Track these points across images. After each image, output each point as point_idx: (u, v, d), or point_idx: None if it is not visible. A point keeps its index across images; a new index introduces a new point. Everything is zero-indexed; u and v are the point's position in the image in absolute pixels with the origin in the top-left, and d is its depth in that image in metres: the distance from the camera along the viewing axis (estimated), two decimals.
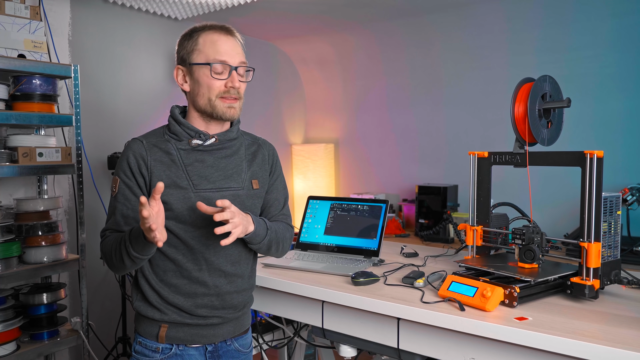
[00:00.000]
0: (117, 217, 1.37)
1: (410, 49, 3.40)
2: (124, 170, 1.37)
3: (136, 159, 1.36)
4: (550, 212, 2.60)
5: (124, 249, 1.27)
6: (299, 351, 2.43)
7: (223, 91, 1.37)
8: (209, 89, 1.37)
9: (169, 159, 1.37)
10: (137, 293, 1.43)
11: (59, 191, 2.55)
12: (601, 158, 1.40)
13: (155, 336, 1.39)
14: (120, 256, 1.29)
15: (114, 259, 1.32)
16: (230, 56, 1.37)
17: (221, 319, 1.41)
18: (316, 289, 1.61)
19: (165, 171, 1.36)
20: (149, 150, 1.37)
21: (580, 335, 1.16)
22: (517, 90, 1.59)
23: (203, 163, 1.39)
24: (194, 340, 1.39)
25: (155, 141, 1.40)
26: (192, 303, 1.37)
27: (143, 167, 1.35)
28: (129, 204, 1.36)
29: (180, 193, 1.34)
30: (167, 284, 1.38)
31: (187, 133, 1.39)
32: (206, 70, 1.36)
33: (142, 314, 1.40)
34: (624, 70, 2.59)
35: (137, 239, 1.23)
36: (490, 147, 1.87)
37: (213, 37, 1.38)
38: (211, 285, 1.38)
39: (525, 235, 1.49)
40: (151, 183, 1.35)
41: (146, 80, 3.12)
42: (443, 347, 1.39)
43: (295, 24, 3.42)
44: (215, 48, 1.36)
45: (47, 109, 2.20)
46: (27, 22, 2.20)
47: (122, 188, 1.37)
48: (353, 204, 2.07)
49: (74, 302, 2.59)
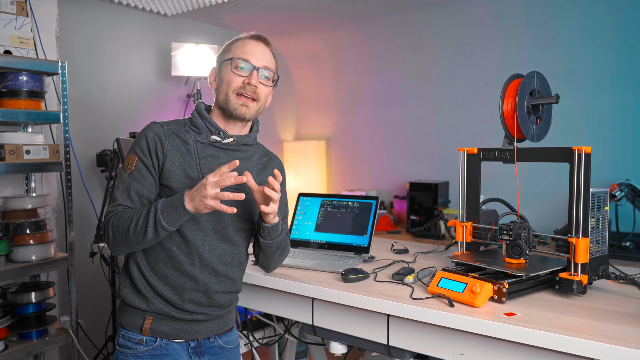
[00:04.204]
0: (132, 194, 1.35)
1: (401, 46, 3.39)
2: (141, 149, 1.37)
3: (155, 140, 1.37)
4: (540, 207, 2.62)
5: (152, 218, 1.26)
6: (290, 348, 2.43)
7: (240, 87, 1.40)
8: (228, 84, 1.41)
9: (185, 148, 1.39)
10: (125, 279, 1.42)
11: (47, 189, 2.53)
12: (589, 154, 1.40)
13: (139, 328, 1.38)
14: (143, 227, 1.27)
15: (130, 231, 1.29)
16: (255, 58, 1.42)
17: (206, 315, 1.42)
18: (306, 286, 1.60)
19: (179, 158, 1.37)
20: (168, 135, 1.39)
21: (569, 330, 1.17)
22: (505, 87, 1.59)
23: (217, 159, 1.42)
24: (178, 335, 1.40)
25: (176, 129, 1.42)
26: (179, 296, 1.37)
27: (159, 149, 1.37)
28: (144, 181, 1.36)
29: (188, 182, 1.36)
30: (158, 273, 1.37)
31: (207, 128, 1.42)
32: (229, 66, 1.41)
33: (129, 302, 1.39)
34: (614, 66, 2.60)
35: (174, 207, 1.24)
36: (481, 143, 1.87)
37: (245, 41, 1.45)
38: (200, 282, 1.38)
39: (513, 230, 1.50)
40: (163, 167, 1.36)
41: (135, 77, 3.10)
42: (432, 343, 1.39)
43: (287, 21, 3.40)
44: (242, 49, 1.43)
45: (34, 106, 2.18)
46: (13, 17, 2.17)
47: (139, 165, 1.36)
48: (343, 200, 2.07)
49: (63, 300, 2.57)
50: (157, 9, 3.08)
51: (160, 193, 1.39)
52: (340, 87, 3.83)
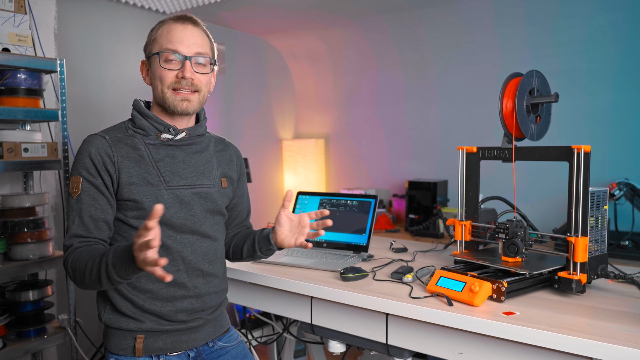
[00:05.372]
0: (85, 220, 1.23)
1: (400, 44, 3.39)
2: (86, 168, 1.24)
3: (100, 155, 1.24)
4: (540, 206, 2.62)
5: (103, 271, 1.12)
6: (289, 347, 2.43)
7: (174, 82, 1.29)
8: (160, 80, 1.30)
9: (137, 154, 1.28)
10: (104, 305, 1.31)
11: (45, 187, 2.52)
12: (588, 153, 1.40)
13: (131, 350, 1.28)
14: (97, 278, 1.14)
15: (86, 279, 1.16)
16: (185, 45, 1.28)
17: (202, 320, 1.36)
18: (305, 284, 1.60)
19: (134, 167, 1.26)
20: (114, 146, 1.26)
21: (568, 329, 1.17)
22: (505, 86, 1.59)
23: (174, 159, 1.32)
24: (175, 347, 1.32)
25: (119, 136, 1.29)
26: (171, 308, 1.29)
27: (109, 163, 1.24)
28: (96, 204, 1.24)
29: (151, 190, 1.27)
30: (141, 290, 1.27)
31: (155, 127, 1.32)
32: (157, 59, 1.29)
33: (114, 326, 1.29)
34: (613, 65, 2.60)
35: (125, 262, 1.08)
36: (480, 142, 1.87)
37: (169, 27, 1.30)
38: (190, 287, 1.32)
39: (509, 229, 1.50)
40: (119, 181, 1.25)
41: (134, 75, 3.09)
42: (431, 342, 1.39)
43: (285, 19, 3.40)
44: (168, 37, 1.29)
45: (33, 104, 2.17)
46: (11, 15, 2.16)
47: (87, 187, 1.23)
48: (342, 199, 2.07)
49: (61, 299, 2.56)
50: (156, 6, 3.07)
51: (123, 209, 1.27)
52: (339, 86, 3.83)
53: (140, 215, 1.27)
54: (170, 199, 1.29)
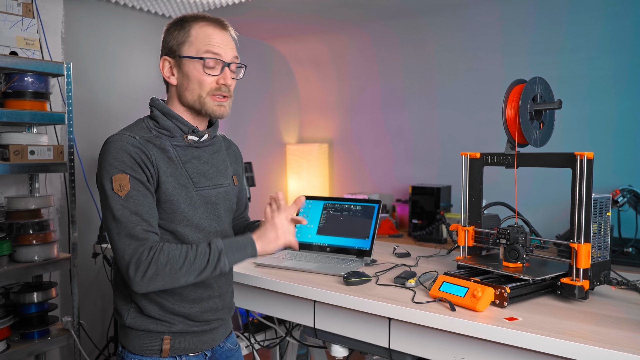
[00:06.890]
0: (144, 216, 1.17)
1: (404, 50, 3.40)
2: (129, 165, 1.17)
3: (137, 152, 1.19)
4: (543, 212, 2.61)
5: (213, 258, 1.17)
6: (291, 351, 2.43)
7: (214, 88, 1.28)
8: (200, 85, 1.27)
9: (166, 155, 1.25)
10: (126, 307, 1.29)
11: (50, 190, 2.54)
12: (591, 159, 1.40)
13: (158, 351, 1.28)
14: (201, 267, 1.16)
15: (183, 270, 1.15)
16: (224, 51, 1.28)
17: (221, 320, 1.39)
18: (308, 288, 1.60)
19: (168, 168, 1.24)
20: (145, 145, 1.22)
21: (570, 335, 1.17)
22: (508, 92, 1.59)
23: (199, 160, 1.32)
24: (197, 347, 1.33)
25: (147, 136, 1.25)
26: (199, 309, 1.31)
27: (148, 162, 1.20)
28: (147, 200, 1.19)
29: (183, 192, 1.26)
30: (171, 293, 1.27)
31: (180, 128, 1.30)
32: (197, 64, 1.26)
33: (141, 328, 1.28)
34: (617, 72, 2.60)
35: (241, 250, 1.22)
36: (483, 148, 1.87)
37: (207, 30, 1.28)
38: (215, 287, 1.35)
39: (510, 235, 1.50)
40: (159, 181, 1.22)
41: (140, 79, 3.11)
42: (434, 347, 1.39)
43: (290, 24, 3.41)
44: (208, 41, 1.27)
45: (39, 107, 2.19)
46: (19, 19, 2.18)
47: (135, 184, 1.17)
48: (346, 204, 2.07)
49: (65, 301, 2.57)
50: (162, 11, 3.09)
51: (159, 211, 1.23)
52: (343, 91, 3.84)
53: (178, 218, 1.25)
54: (199, 200, 1.30)
